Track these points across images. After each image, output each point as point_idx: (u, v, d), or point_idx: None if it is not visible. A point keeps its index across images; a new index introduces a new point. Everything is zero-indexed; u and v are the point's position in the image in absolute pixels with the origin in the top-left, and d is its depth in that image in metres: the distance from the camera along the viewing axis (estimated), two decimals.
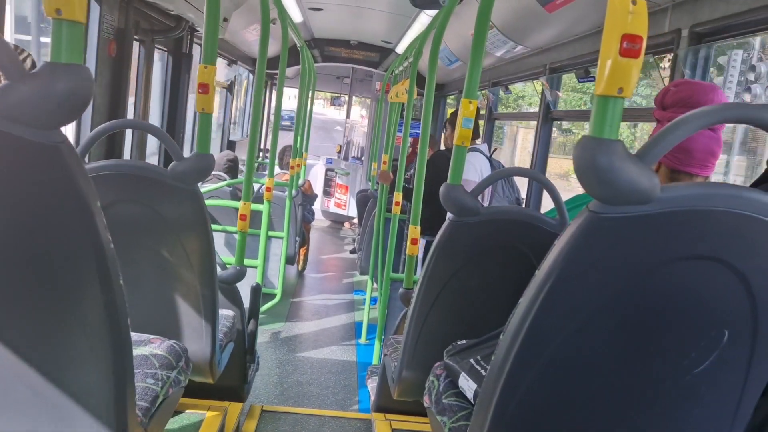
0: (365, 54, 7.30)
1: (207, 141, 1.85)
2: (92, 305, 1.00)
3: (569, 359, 1.01)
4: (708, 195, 0.90)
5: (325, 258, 6.87)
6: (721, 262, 0.92)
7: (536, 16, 3.08)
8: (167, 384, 1.44)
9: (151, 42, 3.61)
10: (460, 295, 1.90)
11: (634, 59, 0.83)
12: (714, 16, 2.08)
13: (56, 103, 0.85)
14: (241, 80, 7.17)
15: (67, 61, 0.86)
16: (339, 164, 8.40)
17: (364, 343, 4.39)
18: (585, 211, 0.92)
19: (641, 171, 0.86)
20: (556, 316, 0.98)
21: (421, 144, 2.76)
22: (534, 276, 0.99)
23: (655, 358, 1.01)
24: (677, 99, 1.45)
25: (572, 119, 4.73)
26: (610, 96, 0.86)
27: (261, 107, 2.90)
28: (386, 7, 5.23)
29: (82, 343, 1.04)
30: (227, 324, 2.21)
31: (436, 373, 1.59)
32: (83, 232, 0.94)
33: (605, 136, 0.87)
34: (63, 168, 0.89)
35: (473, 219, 1.83)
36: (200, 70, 1.79)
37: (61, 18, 0.85)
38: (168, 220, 1.77)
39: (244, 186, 2.71)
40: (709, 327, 0.98)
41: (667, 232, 0.91)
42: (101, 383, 1.06)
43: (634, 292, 0.95)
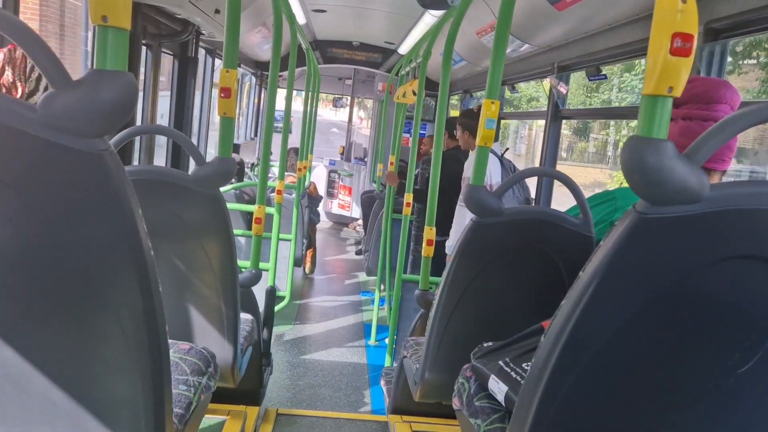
0: (367, 55, 7.29)
1: (229, 144, 1.84)
2: (132, 313, 1.00)
3: (611, 361, 1.00)
4: (756, 194, 0.89)
5: (331, 260, 6.87)
6: (766, 261, 0.92)
7: (545, 14, 3.07)
8: (199, 390, 1.43)
9: (158, 46, 3.60)
10: (483, 296, 1.90)
11: (685, 58, 0.83)
12: (731, 11, 2.08)
13: (102, 111, 0.84)
14: (242, 83, 7.16)
15: (112, 68, 0.85)
16: (342, 166, 8.39)
17: (373, 344, 4.39)
18: (631, 212, 0.91)
19: (691, 170, 0.86)
20: (599, 318, 0.97)
21: (436, 145, 2.75)
22: (578, 277, 0.98)
23: (698, 359, 1.00)
24: (691, 95, 1.45)
25: (581, 117, 4.73)
26: (659, 95, 0.85)
27: (274, 110, 2.88)
28: (389, 8, 5.22)
29: (120, 351, 1.03)
30: (246, 328, 2.21)
31: (465, 375, 1.58)
32: (126, 239, 0.93)
33: (654, 136, 0.86)
34: (108, 176, 0.88)
35: (496, 219, 1.82)
36: (222, 74, 1.79)
37: (106, 25, 0.84)
38: (190, 225, 1.76)
39: (259, 189, 2.71)
40: (753, 327, 0.97)
41: (714, 232, 0.90)
42: (140, 391, 1.06)
43: (679, 292, 0.94)
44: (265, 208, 2.70)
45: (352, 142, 9.11)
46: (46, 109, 0.84)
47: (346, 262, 6.85)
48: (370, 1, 5.12)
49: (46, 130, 0.85)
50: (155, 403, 1.06)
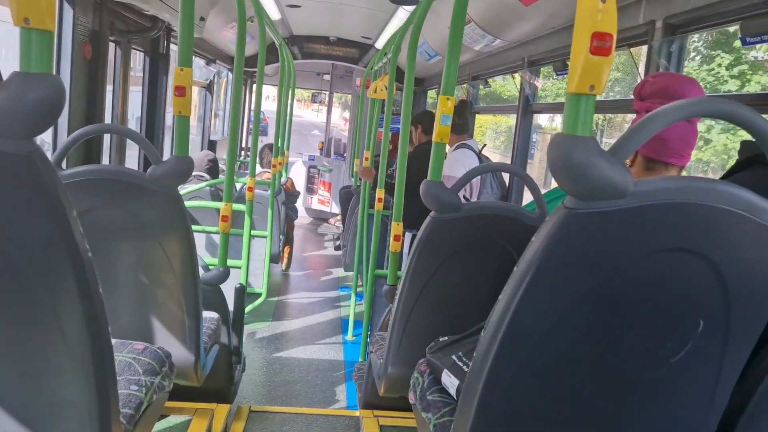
0: (345, 50, 7.27)
1: (185, 143, 1.84)
2: (71, 315, 1.00)
3: (548, 353, 1.02)
4: (681, 188, 0.91)
5: (309, 255, 6.87)
6: (694, 253, 0.94)
7: (513, 9, 3.09)
8: (151, 390, 1.43)
9: (127, 43, 3.57)
10: (442, 291, 1.91)
11: (605, 57, 0.84)
12: (687, 7, 2.10)
13: (27, 112, 0.84)
14: (220, 79, 7.11)
15: (37, 71, 0.85)
16: (321, 161, 8.38)
17: (350, 339, 4.40)
18: (561, 208, 0.93)
19: (614, 166, 0.88)
20: (535, 310, 0.99)
21: (402, 139, 2.76)
22: (513, 272, 1.00)
23: (632, 349, 1.02)
24: (655, 90, 1.47)
25: (551, 112, 4.75)
26: (582, 94, 0.87)
27: (240, 106, 2.88)
28: (364, 2, 5.22)
29: (61, 354, 1.03)
30: (211, 326, 2.20)
31: (420, 370, 1.60)
32: (59, 241, 0.93)
33: (578, 133, 0.88)
34: (36, 178, 0.88)
35: (454, 215, 1.84)
36: (176, 73, 1.78)
37: (29, 27, 0.84)
38: (148, 225, 1.75)
39: (225, 186, 2.70)
40: (684, 317, 0.99)
41: (641, 226, 0.92)
42: (83, 393, 1.06)
43: (611, 285, 0.96)
44: (232, 205, 2.70)
45: (332, 138, 9.10)
46: None
47: (325, 258, 6.85)
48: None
49: None
50: (100, 404, 1.06)
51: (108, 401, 1.08)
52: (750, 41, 1.84)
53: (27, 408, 1.06)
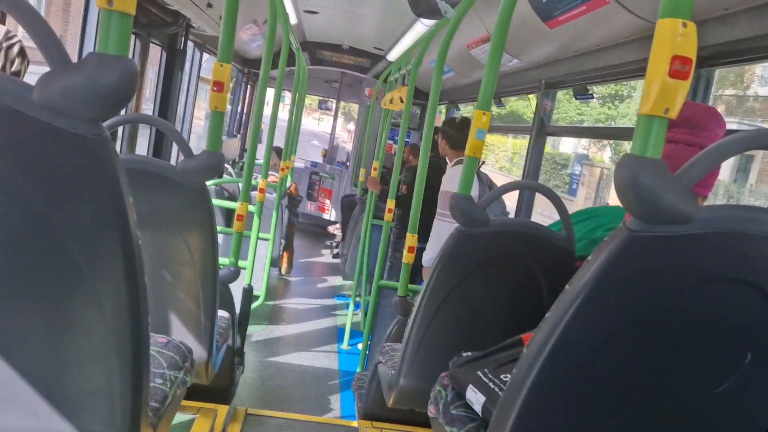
0: (355, 59, 7.29)
1: (218, 139, 1.83)
2: (115, 302, 0.98)
3: (593, 374, 1.01)
4: (746, 218, 0.91)
5: (307, 261, 6.84)
6: (751, 284, 0.94)
7: (536, 31, 3.10)
8: (175, 384, 1.41)
9: (147, 36, 3.56)
10: (463, 306, 1.90)
11: (682, 81, 0.84)
12: (718, 40, 2.12)
13: (101, 95, 0.83)
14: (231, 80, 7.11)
15: (114, 53, 0.84)
16: (324, 168, 8.37)
17: (346, 348, 4.38)
18: (622, 229, 0.93)
19: (682, 191, 0.88)
20: (585, 329, 0.98)
21: (423, 153, 2.76)
22: (564, 290, 0.99)
23: (677, 376, 1.02)
24: (679, 119, 1.48)
25: (568, 135, 4.79)
26: (655, 116, 0.87)
27: (263, 108, 2.87)
28: (381, 13, 5.24)
29: (100, 339, 1.01)
30: (222, 325, 2.18)
31: (443, 383, 1.59)
32: (115, 227, 0.92)
33: (648, 155, 0.88)
34: (102, 161, 0.87)
35: (481, 230, 1.83)
36: (215, 68, 1.77)
37: (111, 9, 0.83)
38: (174, 218, 1.74)
39: (243, 186, 2.69)
40: (733, 347, 0.99)
41: (702, 253, 0.92)
42: (117, 382, 1.04)
43: (662, 311, 0.96)
44: (248, 205, 2.68)
45: (336, 146, 9.10)
46: (43, 90, 0.83)
47: (322, 265, 6.83)
48: (362, 5, 5.13)
49: (42, 111, 0.83)
50: (133, 394, 1.05)
51: (140, 391, 1.06)
52: None
53: (60, 392, 1.04)
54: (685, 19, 0.85)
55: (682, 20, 0.85)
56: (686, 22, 0.85)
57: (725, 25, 2.10)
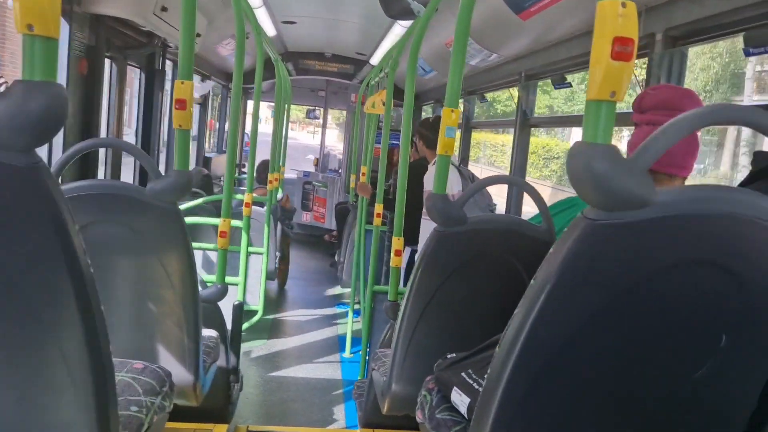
0: (339, 66, 7.28)
1: (186, 157, 1.81)
2: (71, 333, 0.96)
3: (565, 368, 0.99)
4: (705, 198, 0.89)
5: (305, 272, 6.82)
6: (716, 265, 0.91)
7: (510, 24, 3.09)
8: (152, 411, 1.39)
9: (123, 59, 3.55)
10: (447, 307, 1.88)
11: (626, 62, 0.82)
12: (687, 19, 2.10)
13: (30, 123, 0.81)
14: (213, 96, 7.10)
15: (40, 79, 0.82)
16: (317, 177, 8.36)
17: (348, 357, 4.35)
18: (580, 218, 0.90)
19: (637, 175, 0.85)
20: (553, 325, 0.96)
21: (402, 155, 2.74)
22: (530, 285, 0.97)
23: (653, 364, 0.99)
24: (655, 102, 1.47)
25: (549, 125, 4.77)
26: (603, 100, 0.84)
27: (239, 122, 2.87)
28: (359, 19, 5.23)
29: (60, 373, 0.99)
30: (210, 344, 2.16)
31: (428, 388, 1.56)
32: (60, 256, 0.90)
33: (599, 141, 0.85)
34: (39, 190, 0.85)
35: (459, 229, 1.81)
36: (177, 86, 1.75)
37: (33, 34, 0.81)
38: (147, 240, 1.72)
39: (224, 202, 2.67)
40: (706, 331, 0.97)
41: (664, 237, 0.90)
42: (83, 414, 1.01)
43: (631, 298, 0.93)
44: (230, 221, 2.66)
45: (327, 154, 9.08)
46: None
47: (321, 275, 6.80)
48: (339, 12, 5.12)
49: None
50: (100, 426, 1.02)
51: (108, 423, 1.04)
52: (753, 52, 1.83)
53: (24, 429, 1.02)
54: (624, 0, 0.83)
55: (621, 0, 0.83)
56: (625, 2, 0.83)
57: (694, 3, 2.08)
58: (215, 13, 4.19)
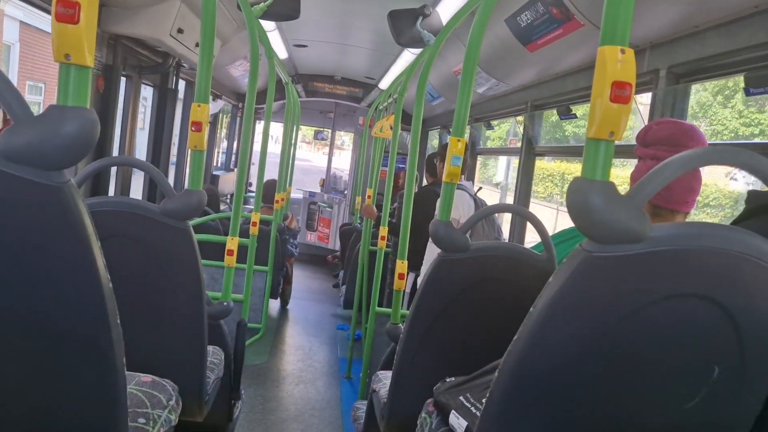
0: (348, 89, 7.39)
1: (199, 177, 1.86)
2: (88, 345, 1.00)
3: (563, 396, 1.02)
4: (697, 234, 0.93)
5: (308, 292, 6.83)
6: (708, 299, 0.95)
7: (518, 55, 3.16)
8: (159, 424, 1.42)
9: (138, 77, 3.63)
10: (448, 331, 1.91)
11: (624, 105, 0.87)
12: (690, 57, 2.16)
13: (63, 145, 0.86)
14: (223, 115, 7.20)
15: (74, 104, 0.88)
16: (322, 198, 8.42)
17: (348, 378, 4.36)
18: (578, 251, 0.95)
19: (633, 211, 0.89)
20: (550, 352, 0.99)
21: (408, 179, 2.79)
22: (529, 313, 1.01)
23: (646, 394, 1.02)
24: (659, 137, 1.50)
25: (555, 155, 4.82)
26: (601, 139, 0.89)
27: (250, 142, 2.93)
28: (369, 44, 5.33)
29: (75, 385, 1.03)
30: (214, 361, 2.19)
31: (428, 410, 1.59)
32: (85, 271, 0.94)
33: (597, 178, 0.90)
34: (67, 208, 0.90)
35: (462, 255, 1.85)
36: (193, 109, 1.81)
37: (69, 63, 0.86)
38: (158, 257, 1.76)
39: (232, 220, 2.71)
40: (698, 363, 1.00)
41: (657, 271, 0.94)
42: (94, 426, 1.05)
43: (625, 329, 0.97)
44: (238, 239, 2.70)
45: (333, 175, 9.16)
46: (7, 142, 0.86)
47: (324, 295, 6.82)
48: (350, 38, 5.22)
49: (6, 162, 0.86)
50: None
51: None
52: (753, 92, 1.88)
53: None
54: (623, 46, 0.88)
55: (621, 47, 0.88)
56: (624, 48, 0.88)
57: (696, 42, 2.14)
58: (229, 35, 4.28)
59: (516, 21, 2.87)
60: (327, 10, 4.32)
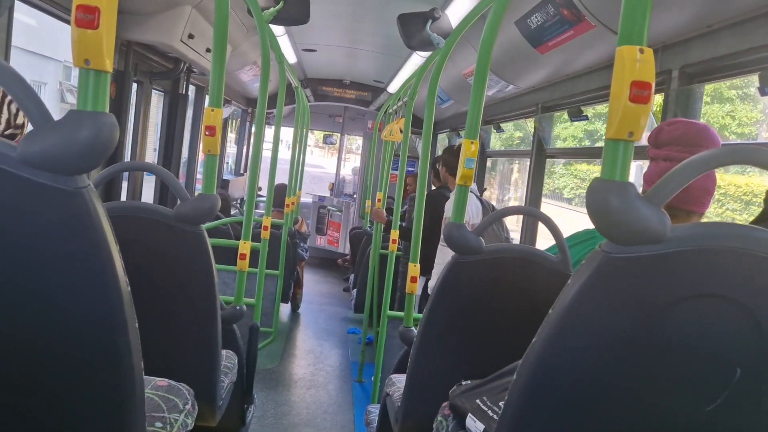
0: (357, 93, 7.40)
1: (213, 182, 1.86)
2: (106, 350, 1.00)
3: (582, 399, 1.01)
4: (716, 234, 0.92)
5: (319, 296, 6.84)
6: (728, 300, 0.94)
7: (528, 57, 3.15)
8: (175, 428, 1.42)
9: (149, 83, 3.66)
10: (462, 334, 1.90)
11: (643, 105, 0.86)
12: (703, 57, 2.15)
13: (81, 150, 0.86)
14: (234, 118, 7.23)
15: (92, 109, 0.88)
16: (332, 201, 8.43)
17: (360, 382, 4.35)
18: (598, 252, 0.94)
19: (652, 211, 0.89)
20: (569, 355, 0.99)
21: (420, 182, 2.78)
22: (548, 315, 1.00)
23: (667, 396, 1.01)
24: (672, 137, 1.49)
25: (566, 157, 4.81)
26: (620, 140, 0.88)
27: (261, 146, 2.94)
28: (378, 48, 5.33)
29: (92, 389, 1.03)
30: (228, 365, 2.19)
31: (444, 413, 1.58)
32: (103, 276, 0.94)
33: (617, 178, 0.89)
34: (86, 213, 0.90)
35: (476, 257, 1.84)
36: (207, 113, 1.82)
37: (89, 68, 0.87)
38: (173, 261, 1.77)
39: (245, 224, 2.72)
40: (720, 364, 0.99)
41: (677, 271, 0.93)
42: (113, 430, 1.05)
43: (646, 331, 0.96)
44: (251, 243, 2.71)
45: (342, 178, 9.17)
46: (26, 147, 0.86)
47: (334, 299, 6.82)
48: (358, 42, 5.23)
49: (24, 168, 0.87)
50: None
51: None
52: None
53: None
54: (641, 46, 0.88)
55: (639, 47, 0.87)
56: (643, 48, 0.88)
57: (709, 42, 2.12)
58: (239, 40, 4.30)
59: (526, 23, 2.86)
60: (336, 14, 4.33)
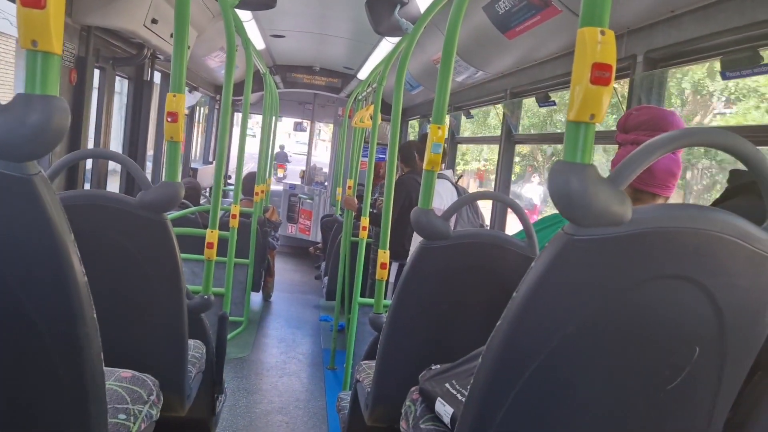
0: (327, 80, 7.35)
1: (176, 169, 1.83)
2: (63, 340, 0.98)
3: (546, 381, 1.02)
4: (674, 216, 0.93)
5: (290, 284, 6.81)
6: (689, 280, 0.95)
7: (497, 43, 3.15)
8: (139, 419, 1.40)
9: (111, 69, 3.57)
10: (431, 319, 1.91)
11: (604, 87, 0.86)
12: (667, 42, 2.17)
13: (30, 135, 0.83)
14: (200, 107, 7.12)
15: (42, 93, 0.85)
16: (303, 189, 8.38)
17: (332, 369, 4.36)
18: (560, 234, 0.94)
19: (613, 194, 0.89)
20: (533, 338, 0.99)
21: (389, 169, 2.78)
22: (512, 298, 1.01)
23: (629, 376, 1.03)
24: (639, 122, 1.52)
25: (534, 142, 4.85)
26: (582, 122, 0.88)
27: (227, 134, 2.89)
28: (347, 33, 5.29)
29: (52, 381, 1.00)
30: (195, 355, 2.17)
31: (412, 398, 1.59)
32: (57, 265, 0.92)
33: (578, 161, 0.89)
34: (37, 200, 0.87)
35: (444, 243, 1.84)
36: (168, 99, 1.78)
37: (36, 49, 0.83)
38: (136, 251, 1.73)
39: (211, 213, 2.68)
40: (680, 343, 1.00)
41: (638, 253, 0.94)
42: (72, 422, 1.03)
43: (608, 312, 0.97)
44: (218, 232, 2.67)
45: (313, 166, 9.11)
46: None
47: (306, 287, 6.80)
48: (328, 27, 5.18)
49: None
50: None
51: (98, 430, 1.05)
52: (729, 76, 1.90)
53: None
54: (603, 28, 0.87)
55: (601, 29, 0.87)
56: (605, 30, 0.87)
57: (673, 27, 2.15)
58: (205, 25, 4.22)
59: (494, 8, 2.86)
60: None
